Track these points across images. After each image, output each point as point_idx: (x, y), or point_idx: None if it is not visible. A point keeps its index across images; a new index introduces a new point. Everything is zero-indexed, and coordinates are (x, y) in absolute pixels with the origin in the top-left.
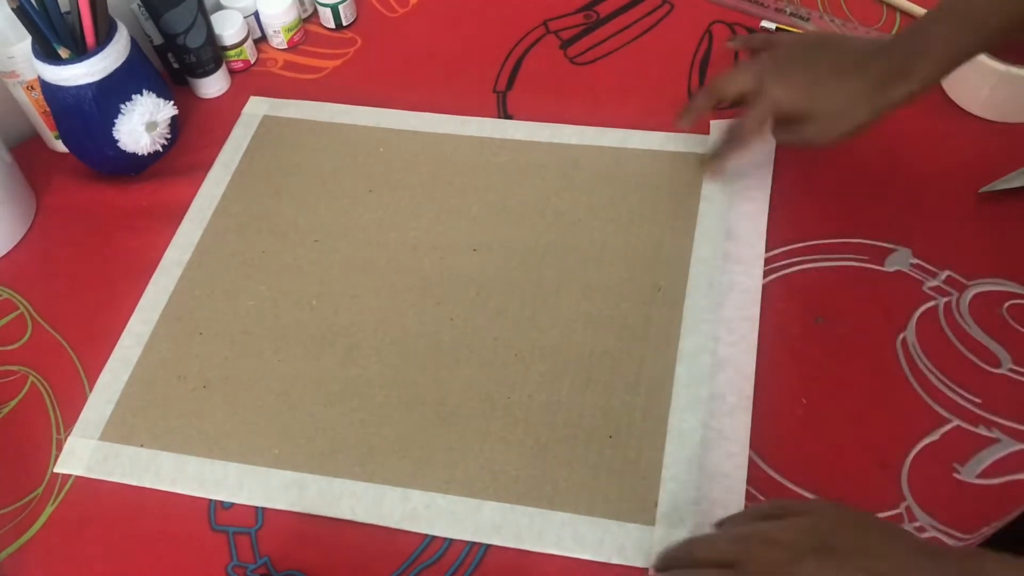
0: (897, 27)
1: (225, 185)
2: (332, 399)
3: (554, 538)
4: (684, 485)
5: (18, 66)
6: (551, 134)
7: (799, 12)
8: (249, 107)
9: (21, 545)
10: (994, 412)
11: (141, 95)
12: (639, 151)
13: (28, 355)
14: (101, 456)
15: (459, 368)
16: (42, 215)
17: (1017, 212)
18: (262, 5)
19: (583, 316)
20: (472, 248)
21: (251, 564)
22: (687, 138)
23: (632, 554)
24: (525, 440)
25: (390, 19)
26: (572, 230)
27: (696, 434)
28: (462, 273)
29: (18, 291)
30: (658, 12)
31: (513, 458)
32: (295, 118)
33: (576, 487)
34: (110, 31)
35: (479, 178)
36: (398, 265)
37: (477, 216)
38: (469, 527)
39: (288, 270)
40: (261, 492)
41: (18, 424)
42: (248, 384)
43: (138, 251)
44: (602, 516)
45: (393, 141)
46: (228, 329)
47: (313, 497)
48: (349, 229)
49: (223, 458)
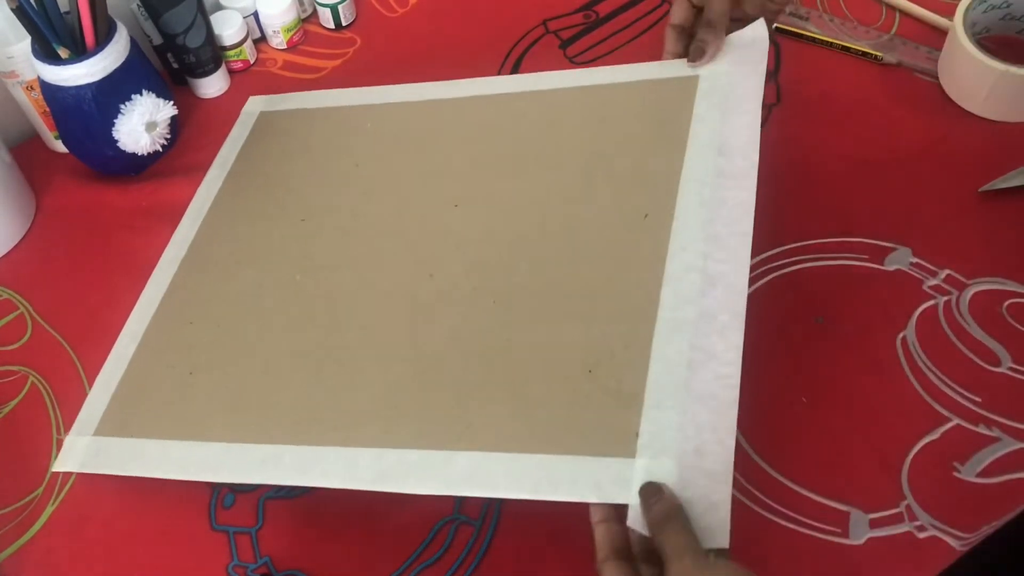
0: (896, 27)
1: (221, 181)
2: (311, 369)
3: (529, 483)
4: (668, 411)
5: (18, 66)
6: (535, 82)
7: (798, 12)
8: (248, 106)
9: (21, 545)
10: (994, 411)
11: (141, 95)
12: (626, 84)
13: (28, 355)
14: (94, 451)
15: (436, 322)
16: (42, 215)
17: (1017, 211)
18: (261, 5)
19: (565, 254)
20: (453, 204)
21: (251, 564)
22: (677, 64)
23: (610, 490)
24: (501, 386)
25: (389, 19)
26: (556, 172)
27: (682, 356)
28: (443, 230)
29: (18, 291)
30: (657, 12)
31: (488, 406)
32: (289, 109)
33: (553, 427)
34: (110, 31)
35: (461, 135)
36: (380, 231)
37: (459, 172)
38: (440, 480)
39: (274, 251)
40: (239, 469)
41: (18, 424)
42: (231, 365)
43: (138, 251)
44: (579, 453)
45: (380, 114)
46: (215, 315)
47: (287, 467)
48: (334, 205)
49: (205, 439)
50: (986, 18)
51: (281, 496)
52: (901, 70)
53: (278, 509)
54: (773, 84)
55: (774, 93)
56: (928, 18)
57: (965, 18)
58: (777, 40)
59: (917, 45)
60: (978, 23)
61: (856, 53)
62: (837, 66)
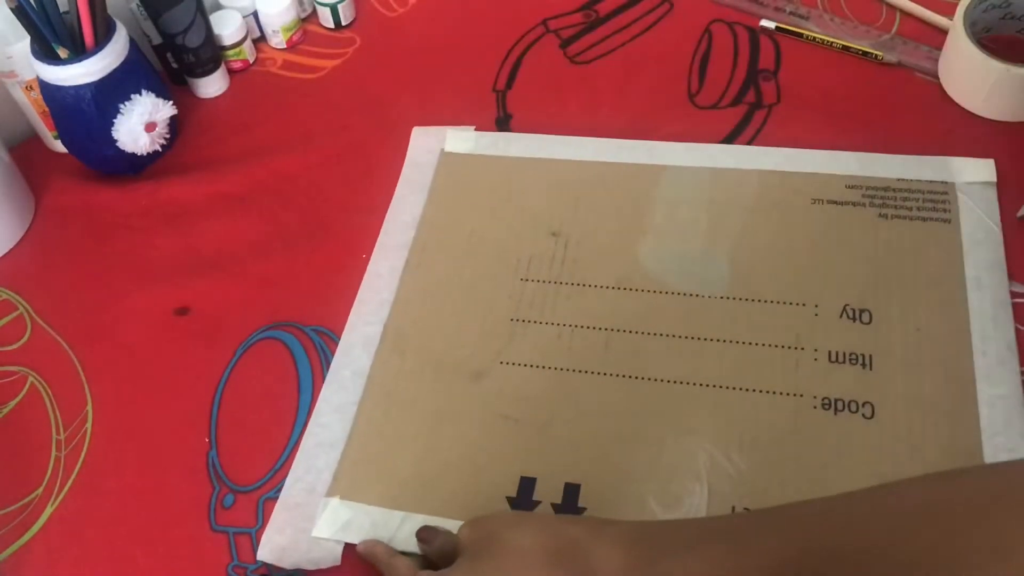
0: (896, 27)
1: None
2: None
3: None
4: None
5: (17, 66)
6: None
7: (798, 11)
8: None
9: (21, 545)
10: None
11: (140, 95)
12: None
13: (28, 355)
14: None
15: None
16: (41, 215)
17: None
18: (261, 5)
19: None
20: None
21: (252, 564)
22: (936, 162)
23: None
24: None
25: (389, 18)
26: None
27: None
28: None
29: (18, 291)
30: (658, 11)
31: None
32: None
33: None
34: (109, 31)
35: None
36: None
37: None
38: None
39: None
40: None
41: (18, 424)
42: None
43: (138, 251)
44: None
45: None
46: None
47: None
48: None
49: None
50: (987, 17)
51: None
52: (901, 70)
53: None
54: (773, 84)
55: (774, 93)
56: (928, 18)
57: (965, 17)
58: (777, 39)
59: (917, 45)
60: (979, 22)
61: (856, 53)
62: (837, 66)
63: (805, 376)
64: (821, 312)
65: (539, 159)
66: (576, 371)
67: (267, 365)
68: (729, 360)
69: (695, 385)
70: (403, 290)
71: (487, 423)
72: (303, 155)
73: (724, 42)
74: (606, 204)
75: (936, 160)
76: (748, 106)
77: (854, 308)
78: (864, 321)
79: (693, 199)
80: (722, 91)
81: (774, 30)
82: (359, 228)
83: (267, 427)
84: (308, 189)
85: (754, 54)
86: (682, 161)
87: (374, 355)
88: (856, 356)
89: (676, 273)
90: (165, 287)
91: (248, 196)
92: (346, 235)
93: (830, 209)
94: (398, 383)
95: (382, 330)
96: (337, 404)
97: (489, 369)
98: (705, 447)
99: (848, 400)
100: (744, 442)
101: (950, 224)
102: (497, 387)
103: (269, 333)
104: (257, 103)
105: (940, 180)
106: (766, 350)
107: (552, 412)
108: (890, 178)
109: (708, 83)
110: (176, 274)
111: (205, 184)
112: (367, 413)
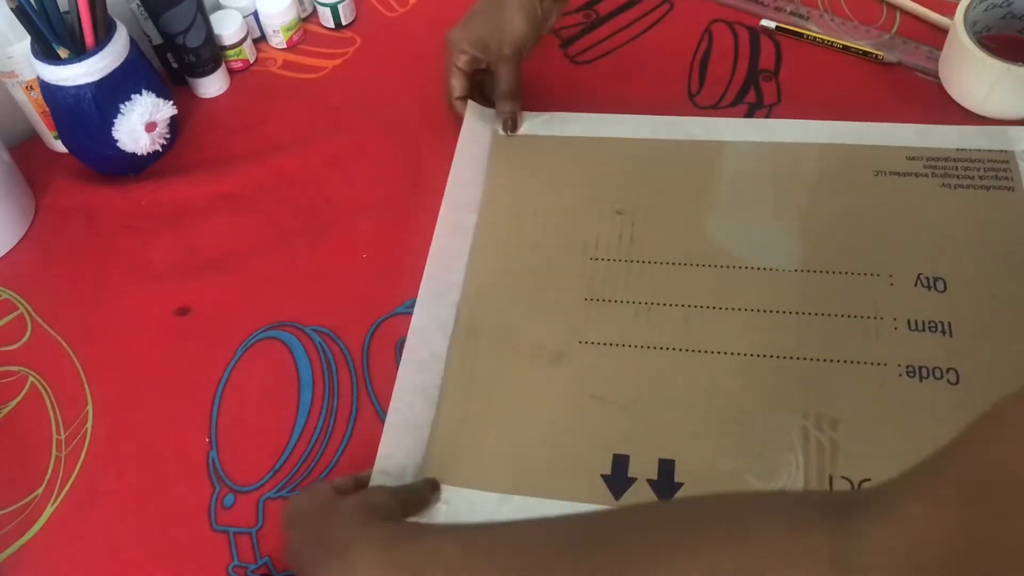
0: (897, 27)
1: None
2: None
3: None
4: None
5: (17, 66)
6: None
7: (799, 11)
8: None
9: (21, 545)
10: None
11: (140, 95)
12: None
13: (28, 355)
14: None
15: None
16: (41, 215)
17: None
18: (261, 5)
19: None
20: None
21: (252, 564)
22: (994, 131)
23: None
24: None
25: (389, 18)
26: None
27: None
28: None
29: (18, 291)
30: (658, 11)
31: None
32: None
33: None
34: (109, 31)
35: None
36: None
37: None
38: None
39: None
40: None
41: (18, 424)
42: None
43: (137, 251)
44: None
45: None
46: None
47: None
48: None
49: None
50: (987, 17)
51: (281, 496)
52: (902, 69)
53: (278, 509)
54: (773, 83)
55: (774, 93)
56: (929, 17)
57: (966, 17)
58: (777, 39)
59: (918, 44)
60: (979, 22)
61: (856, 52)
62: (837, 66)
63: (887, 345)
64: (896, 282)
65: (595, 138)
66: (658, 348)
67: (267, 365)
68: (810, 332)
69: (779, 358)
70: (472, 272)
71: (573, 403)
72: (303, 155)
73: (724, 42)
74: (668, 181)
75: (994, 130)
76: (748, 106)
77: (928, 277)
78: (939, 289)
79: (755, 173)
80: (722, 91)
81: (774, 30)
82: (360, 228)
83: (267, 427)
84: (308, 189)
85: (754, 54)
86: (739, 136)
87: (450, 337)
88: (935, 324)
89: (747, 248)
90: (165, 287)
91: (248, 196)
92: (346, 235)
93: (894, 180)
94: (477, 365)
95: (455, 313)
96: (419, 384)
97: (568, 350)
98: (796, 419)
99: (932, 367)
100: (835, 413)
101: (1014, 192)
102: (579, 367)
103: (269, 333)
104: (257, 103)
105: (999, 149)
106: (846, 321)
107: (638, 390)
108: (949, 148)
109: (708, 83)
110: (176, 274)
111: (205, 184)
112: (451, 396)
